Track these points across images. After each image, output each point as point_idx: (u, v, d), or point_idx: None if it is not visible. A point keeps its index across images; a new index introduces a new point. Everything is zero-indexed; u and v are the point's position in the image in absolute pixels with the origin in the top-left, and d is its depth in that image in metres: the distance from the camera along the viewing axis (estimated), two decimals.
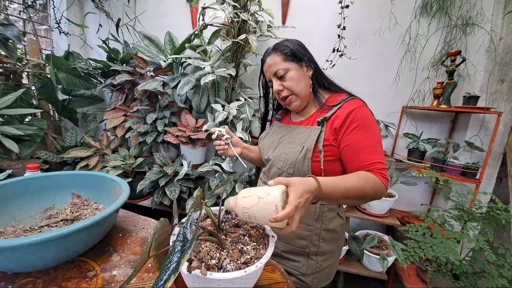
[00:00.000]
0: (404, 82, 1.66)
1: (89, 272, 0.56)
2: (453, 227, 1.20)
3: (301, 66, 0.73)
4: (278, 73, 0.72)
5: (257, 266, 0.45)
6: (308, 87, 0.74)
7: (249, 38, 1.37)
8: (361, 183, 0.58)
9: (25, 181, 0.74)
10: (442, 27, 1.60)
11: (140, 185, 1.49)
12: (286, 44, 0.73)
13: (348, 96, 0.71)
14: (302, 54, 0.73)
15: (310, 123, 0.74)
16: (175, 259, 0.36)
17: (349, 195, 0.56)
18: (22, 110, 1.41)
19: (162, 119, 1.67)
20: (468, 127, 1.57)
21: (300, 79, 0.72)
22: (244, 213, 0.49)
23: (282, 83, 0.73)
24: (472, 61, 1.57)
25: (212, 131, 0.81)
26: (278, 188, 0.47)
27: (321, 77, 0.77)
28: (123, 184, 0.73)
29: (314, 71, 0.75)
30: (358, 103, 0.68)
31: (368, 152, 0.63)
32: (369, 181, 0.59)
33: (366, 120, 0.66)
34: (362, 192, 0.57)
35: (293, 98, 0.74)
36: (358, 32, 1.64)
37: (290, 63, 0.72)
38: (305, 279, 0.74)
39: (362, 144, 0.64)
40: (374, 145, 0.64)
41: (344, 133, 0.66)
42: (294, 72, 0.72)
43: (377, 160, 0.63)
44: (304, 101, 0.76)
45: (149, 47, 1.72)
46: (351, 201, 0.59)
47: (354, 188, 0.56)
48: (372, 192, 0.59)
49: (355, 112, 0.65)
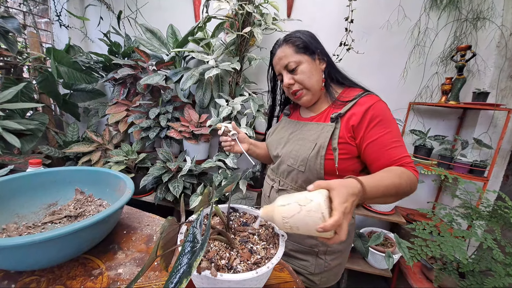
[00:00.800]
0: (412, 77, 1.62)
1: (94, 270, 0.55)
2: (461, 226, 1.18)
3: (313, 59, 0.69)
4: (289, 66, 0.69)
5: (268, 267, 0.43)
6: (320, 81, 0.71)
7: (254, 31, 1.33)
8: (397, 179, 0.55)
9: (28, 177, 0.72)
10: (452, 21, 1.55)
11: (143, 181, 1.48)
12: (298, 35, 0.69)
13: (363, 92, 0.68)
14: (314, 46, 0.69)
15: (322, 119, 0.71)
16: (185, 261, 0.35)
17: (388, 193, 0.54)
18: (24, 105, 1.39)
19: (165, 114, 1.65)
20: (476, 124, 1.54)
21: (312, 73, 0.69)
22: (284, 223, 0.45)
23: (293, 76, 0.70)
24: (482, 56, 1.53)
25: (218, 126, 0.79)
26: (320, 193, 0.43)
27: (334, 70, 0.73)
28: (127, 181, 0.71)
29: (327, 64, 0.72)
30: (374, 98, 0.65)
31: (393, 147, 0.61)
32: (403, 176, 0.57)
33: (386, 114, 0.63)
34: (399, 189, 0.55)
35: (303, 93, 0.71)
36: (365, 26, 1.60)
37: (302, 56, 0.68)
38: (313, 278, 0.73)
39: (386, 139, 0.62)
40: (398, 139, 0.62)
41: (365, 130, 0.63)
42: (306, 65, 0.68)
43: (404, 154, 0.61)
44: (316, 96, 0.73)
45: (151, 40, 1.68)
46: (388, 199, 0.57)
47: (392, 185, 0.54)
48: (408, 187, 0.56)
49: (373, 107, 0.63)
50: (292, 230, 0.45)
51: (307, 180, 0.69)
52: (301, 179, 0.70)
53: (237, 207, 0.64)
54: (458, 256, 1.01)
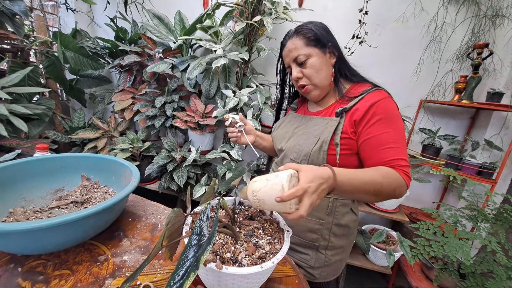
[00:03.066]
0: (425, 74, 1.57)
1: (100, 256, 0.56)
2: (465, 227, 1.17)
3: (324, 53, 0.67)
4: (299, 59, 0.67)
5: (273, 262, 0.43)
6: (329, 76, 0.69)
7: (264, 20, 1.29)
8: (379, 178, 0.53)
9: (35, 162, 0.73)
10: (471, 16, 1.49)
11: (148, 169, 1.49)
12: (309, 27, 0.67)
13: (372, 87, 0.65)
14: (326, 39, 0.67)
15: (328, 114, 0.69)
16: (191, 254, 0.34)
17: (366, 189, 0.52)
18: (30, 89, 1.39)
19: (171, 103, 1.64)
20: (488, 125, 1.50)
21: (322, 68, 0.67)
22: (253, 197, 0.48)
23: (302, 70, 0.68)
24: (499, 55, 1.47)
25: (226, 117, 0.78)
26: (288, 171, 0.46)
27: (345, 65, 0.71)
28: (133, 169, 0.71)
29: (337, 58, 0.69)
30: (382, 94, 0.62)
31: (389, 147, 0.58)
32: (388, 176, 0.55)
33: (390, 113, 0.61)
34: (380, 187, 0.53)
35: (310, 88, 0.69)
36: (380, 18, 1.54)
37: (312, 49, 0.66)
38: (313, 272, 0.73)
39: (383, 138, 0.59)
40: (397, 140, 0.59)
41: (364, 126, 0.61)
42: (316, 59, 0.66)
43: (399, 157, 0.58)
44: (324, 91, 0.71)
45: (158, 27, 1.65)
46: (368, 197, 0.55)
47: (372, 183, 0.52)
48: (391, 189, 0.54)
49: (379, 104, 0.60)
50: (259, 203, 0.48)
51: None
52: None
53: (242, 200, 0.64)
54: (461, 257, 1.00)
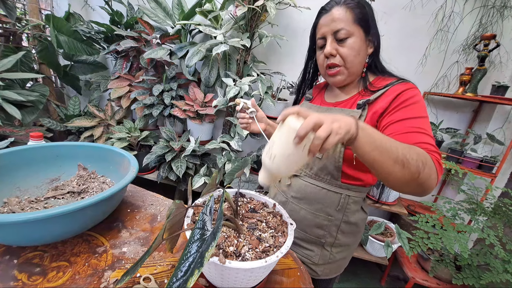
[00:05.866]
0: (430, 65, 1.53)
1: (98, 248, 0.54)
2: (464, 220, 1.18)
3: (366, 38, 0.61)
4: (340, 34, 0.59)
5: (277, 256, 0.42)
6: (362, 64, 0.63)
7: (267, 4, 1.24)
8: (406, 149, 0.44)
9: (30, 150, 0.70)
10: (480, 6, 1.43)
11: (146, 159, 1.47)
12: (362, 3, 0.60)
13: (397, 79, 0.61)
14: (374, 25, 0.61)
15: (348, 106, 0.65)
16: (194, 248, 0.33)
17: (391, 151, 0.43)
18: (24, 75, 1.34)
19: (169, 92, 1.59)
20: (491, 119, 1.48)
21: (360, 52, 0.60)
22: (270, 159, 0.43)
23: (338, 47, 0.60)
24: (505, 47, 1.43)
25: (237, 102, 0.72)
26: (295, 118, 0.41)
27: (378, 59, 0.66)
28: (131, 159, 0.69)
29: (374, 50, 0.64)
30: (409, 85, 0.58)
31: (417, 132, 0.51)
32: (416, 151, 0.45)
33: (417, 101, 0.55)
34: (404, 158, 0.43)
35: (340, 70, 0.63)
36: (387, 5, 1.48)
37: (358, 28, 0.59)
38: (316, 268, 0.72)
39: (411, 122, 0.52)
40: (425, 128, 0.52)
41: (388, 114, 0.56)
42: (357, 41, 0.59)
43: (428, 141, 0.50)
44: (351, 78, 0.65)
45: (155, 11, 1.58)
46: (392, 164, 0.43)
47: (398, 146, 0.44)
48: (419, 163, 0.44)
49: (405, 92, 0.56)
50: (275, 159, 0.42)
51: (323, 168, 0.65)
52: (317, 167, 0.67)
53: (244, 192, 0.62)
54: (459, 249, 1.01)
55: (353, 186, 0.65)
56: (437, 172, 0.47)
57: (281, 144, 0.41)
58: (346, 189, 0.66)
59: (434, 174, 0.46)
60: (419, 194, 0.48)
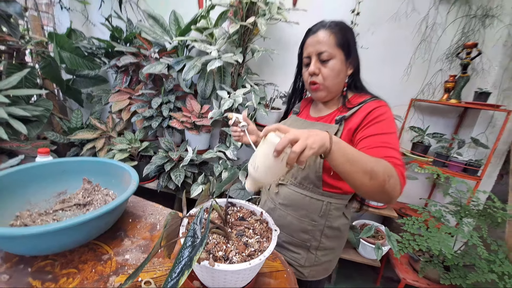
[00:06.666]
0: (415, 73, 1.61)
1: (103, 256, 0.60)
2: (449, 222, 1.23)
3: (346, 60, 0.69)
4: (323, 56, 0.67)
5: (260, 259, 0.48)
6: (342, 84, 0.71)
7: (258, 21, 1.32)
8: (374, 160, 0.51)
9: (38, 167, 0.76)
10: (461, 16, 1.52)
11: (146, 169, 1.53)
12: (345, 29, 0.67)
13: (370, 97, 0.68)
14: (353, 49, 0.69)
15: (328, 121, 0.72)
16: (186, 254, 0.39)
17: (360, 164, 0.49)
18: (29, 91, 1.41)
19: (167, 104, 1.67)
20: (475, 124, 1.55)
21: (339, 74, 0.68)
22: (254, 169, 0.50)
23: (321, 67, 0.68)
24: (487, 55, 1.51)
25: (230, 116, 0.79)
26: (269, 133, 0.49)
27: (357, 79, 0.73)
28: (132, 172, 0.75)
29: (354, 71, 0.72)
30: (381, 103, 0.65)
31: (385, 146, 0.58)
32: (383, 164, 0.52)
33: (386, 118, 0.62)
34: (374, 168, 0.49)
35: (321, 88, 0.70)
36: (372, 18, 1.56)
37: (339, 51, 0.66)
38: (303, 270, 0.77)
39: (379, 138, 0.59)
40: (392, 143, 0.59)
41: (361, 129, 0.63)
42: (338, 63, 0.67)
43: (394, 155, 0.56)
44: (331, 96, 0.73)
45: (153, 27, 1.66)
46: (362, 175, 0.49)
47: (367, 159, 0.50)
48: (385, 175, 0.50)
49: (376, 110, 0.63)
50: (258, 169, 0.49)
51: (306, 177, 0.72)
52: (301, 176, 0.73)
53: (234, 201, 0.68)
54: (444, 250, 1.06)
55: (334, 194, 0.72)
56: (400, 183, 0.54)
57: (263, 157, 0.48)
58: (328, 196, 0.72)
59: (398, 185, 0.53)
60: (386, 202, 0.55)
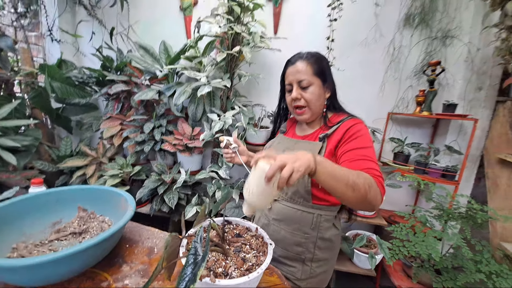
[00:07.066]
0: (389, 90, 1.76)
1: (102, 283, 0.61)
2: (434, 226, 1.30)
3: (323, 86, 0.79)
4: (303, 83, 0.76)
5: (258, 272, 0.51)
6: (322, 106, 0.81)
7: (243, 50, 1.43)
8: (355, 174, 0.56)
9: (32, 198, 0.77)
10: (424, 38, 1.71)
11: (139, 193, 1.53)
12: (320, 60, 0.78)
13: (347, 116, 0.78)
14: (328, 76, 0.79)
15: (312, 139, 0.81)
16: (189, 270, 0.42)
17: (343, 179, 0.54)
18: (19, 122, 1.41)
19: (159, 128, 1.71)
20: (448, 132, 1.69)
21: (320, 97, 0.78)
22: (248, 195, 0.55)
23: (302, 93, 0.77)
24: (451, 71, 1.69)
25: (221, 139, 0.87)
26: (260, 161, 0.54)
27: (335, 100, 0.84)
28: (128, 198, 0.77)
29: (331, 94, 0.82)
30: (356, 120, 0.75)
31: (364, 159, 0.65)
32: (364, 176, 0.57)
33: (363, 134, 0.71)
34: (356, 181, 0.55)
35: (305, 111, 0.79)
36: (346, 44, 1.73)
37: (316, 79, 0.76)
38: (300, 283, 0.79)
39: (358, 152, 0.67)
40: (370, 156, 0.66)
41: (342, 145, 0.71)
42: (317, 89, 0.77)
43: (373, 167, 0.63)
44: (314, 117, 0.82)
45: (144, 57, 1.75)
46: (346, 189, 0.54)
47: (349, 173, 0.56)
48: (365, 186, 0.55)
49: (353, 127, 0.72)
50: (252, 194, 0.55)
51: (296, 192, 0.78)
52: (291, 191, 0.79)
53: (230, 219, 0.72)
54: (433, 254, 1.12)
55: (323, 206, 0.77)
56: (380, 193, 0.60)
57: (255, 183, 0.54)
58: (318, 209, 0.77)
59: (378, 195, 0.59)
60: (369, 210, 0.62)
